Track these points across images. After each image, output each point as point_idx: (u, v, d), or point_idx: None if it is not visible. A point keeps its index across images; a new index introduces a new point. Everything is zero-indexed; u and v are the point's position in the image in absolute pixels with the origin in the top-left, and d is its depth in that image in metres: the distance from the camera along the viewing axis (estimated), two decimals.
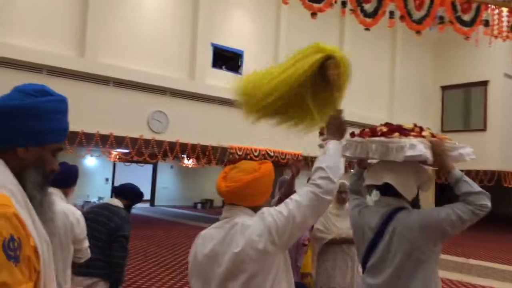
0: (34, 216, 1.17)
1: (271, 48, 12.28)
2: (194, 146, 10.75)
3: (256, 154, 11.19)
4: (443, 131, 16.64)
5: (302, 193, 1.65)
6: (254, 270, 1.56)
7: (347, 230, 3.59)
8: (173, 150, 10.64)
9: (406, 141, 2.07)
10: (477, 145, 12.53)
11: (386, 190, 2.19)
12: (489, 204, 2.00)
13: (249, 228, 1.60)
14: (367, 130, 2.31)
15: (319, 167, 1.71)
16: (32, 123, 1.19)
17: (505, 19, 7.79)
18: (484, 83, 15.35)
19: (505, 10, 7.58)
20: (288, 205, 1.63)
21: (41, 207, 1.21)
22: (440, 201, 13.01)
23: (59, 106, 1.26)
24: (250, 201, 1.68)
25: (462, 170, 2.15)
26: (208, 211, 19.71)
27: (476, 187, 2.04)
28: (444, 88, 16.55)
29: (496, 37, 8.20)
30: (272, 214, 1.61)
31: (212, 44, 11.21)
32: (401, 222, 2.08)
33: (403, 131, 2.14)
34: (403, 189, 2.13)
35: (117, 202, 3.55)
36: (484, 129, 15.27)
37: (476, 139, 14.49)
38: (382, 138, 2.17)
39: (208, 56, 11.20)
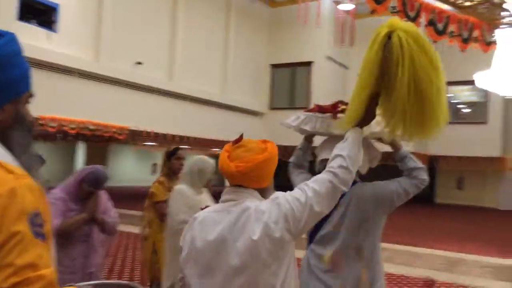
0: None
1: (93, 3, 10.80)
2: None
3: (72, 126, 9.72)
4: (271, 108, 17.28)
5: (320, 181, 1.59)
6: (269, 259, 1.47)
7: None
8: None
9: None
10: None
11: None
12: (427, 178, 2.21)
13: (264, 214, 1.50)
14: (327, 106, 2.36)
15: (339, 154, 1.66)
16: None
17: None
18: (309, 64, 16.24)
19: None
20: (307, 192, 1.55)
21: (30, 172, 1.03)
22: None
23: (15, 46, 1.12)
24: (259, 183, 1.59)
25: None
26: None
27: (419, 164, 2.23)
28: (273, 67, 17.04)
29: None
30: (288, 200, 1.52)
31: None
32: (356, 194, 2.17)
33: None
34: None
35: None
36: (307, 107, 16.16)
37: None
38: (344, 115, 2.19)
39: (11, 6, 9.21)
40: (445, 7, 5.54)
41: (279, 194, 1.58)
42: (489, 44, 4.87)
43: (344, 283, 2.16)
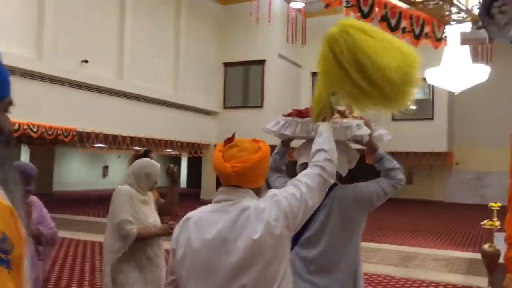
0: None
1: None
2: None
3: (15, 129, 9.12)
4: (225, 107, 17.10)
5: (311, 175, 1.64)
6: (271, 257, 1.47)
7: (154, 222, 3.12)
8: None
9: (351, 121, 2.20)
10: (255, 121, 13.13)
11: None
12: (404, 178, 2.25)
13: (264, 212, 1.49)
14: (305, 110, 2.39)
15: (321, 149, 1.71)
16: None
17: None
18: (262, 62, 16.19)
19: None
20: (301, 187, 1.59)
21: (6, 187, 0.96)
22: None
23: None
24: (254, 182, 1.58)
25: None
26: None
27: (396, 164, 2.26)
28: (226, 65, 16.86)
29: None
30: (286, 197, 1.55)
31: None
32: (338, 197, 2.21)
33: (342, 113, 2.27)
34: (339, 166, 2.11)
35: None
36: (261, 105, 16.16)
37: (255, 115, 15.29)
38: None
39: None
40: (398, 2, 5.61)
41: (276, 191, 1.59)
42: (439, 40, 4.96)
43: (329, 284, 2.19)
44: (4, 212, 0.90)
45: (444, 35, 5.17)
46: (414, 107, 18.80)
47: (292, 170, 2.45)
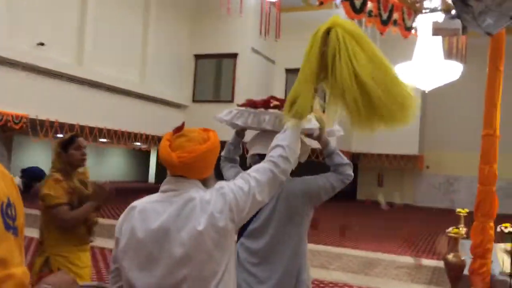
0: None
1: None
2: None
3: None
4: (194, 101, 16.49)
5: (262, 170, 1.62)
6: (213, 249, 1.46)
7: None
8: None
9: None
10: None
11: None
12: (352, 174, 2.27)
13: (209, 204, 1.49)
14: (259, 101, 2.39)
15: (279, 145, 1.69)
16: None
17: None
18: (234, 56, 15.66)
19: None
20: (250, 181, 1.56)
21: None
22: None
23: None
24: (201, 173, 1.56)
25: None
26: None
27: (346, 160, 2.29)
28: (197, 57, 16.26)
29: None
30: (232, 190, 1.53)
31: None
32: (286, 189, 2.21)
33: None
34: None
35: None
36: (232, 100, 15.64)
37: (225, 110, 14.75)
38: (276, 111, 2.28)
39: None
40: None
41: (223, 183, 1.57)
42: (409, 29, 4.56)
43: (273, 275, 2.20)
44: (7, 179, 0.87)
45: (415, 24, 4.78)
46: None
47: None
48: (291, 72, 16.63)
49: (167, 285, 1.46)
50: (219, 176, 2.28)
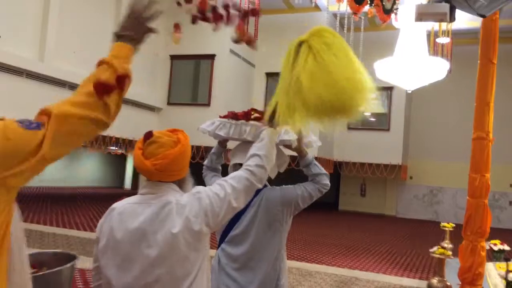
0: None
1: None
2: None
3: None
4: (169, 103, 15.71)
5: (238, 178, 1.69)
6: (187, 251, 1.53)
7: None
8: None
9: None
10: (201, 120, 11.95)
11: None
12: (329, 183, 2.41)
13: (185, 208, 1.56)
14: (240, 113, 2.50)
15: (256, 154, 1.76)
16: None
17: None
18: (212, 57, 14.95)
19: None
20: (225, 188, 1.64)
21: None
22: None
23: None
24: (176, 176, 1.63)
25: None
26: None
27: (323, 170, 2.41)
28: (173, 58, 15.50)
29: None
30: (209, 196, 1.60)
31: None
32: (266, 197, 2.33)
33: None
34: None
35: None
36: (208, 104, 14.93)
37: (201, 114, 13.99)
38: (256, 122, 2.39)
39: None
40: None
41: (200, 188, 1.64)
42: (388, 12, 3.94)
43: (253, 280, 2.27)
44: None
45: (395, 7, 4.15)
46: (373, 119, 18.12)
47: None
48: (272, 76, 15.98)
49: (141, 284, 1.52)
50: (201, 183, 2.39)
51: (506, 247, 5.91)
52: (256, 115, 2.47)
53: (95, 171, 25.79)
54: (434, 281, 4.06)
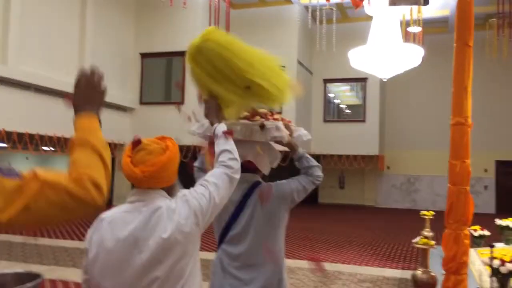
0: None
1: None
2: None
3: None
4: (142, 103, 15.35)
5: (218, 175, 1.75)
6: (180, 253, 1.56)
7: None
8: None
9: (270, 123, 2.36)
10: (175, 119, 11.63)
11: (246, 167, 2.31)
12: (322, 175, 2.48)
13: (175, 212, 1.59)
14: None
15: (225, 149, 1.86)
16: None
17: None
18: (183, 54, 14.62)
19: None
20: (208, 187, 1.69)
21: None
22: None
23: None
24: (165, 182, 1.64)
25: None
26: None
27: (314, 162, 2.48)
28: (144, 56, 15.14)
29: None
30: (196, 197, 1.65)
31: None
32: None
33: (264, 115, 2.45)
34: (262, 165, 2.41)
35: None
36: (182, 102, 14.62)
37: (175, 113, 13.68)
38: (246, 121, 2.40)
39: None
40: None
41: (186, 191, 1.68)
42: None
43: (257, 276, 2.29)
44: None
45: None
46: (349, 111, 18.10)
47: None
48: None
49: None
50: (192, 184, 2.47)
51: (487, 233, 5.88)
52: (245, 113, 2.50)
53: None
54: (419, 272, 3.96)
